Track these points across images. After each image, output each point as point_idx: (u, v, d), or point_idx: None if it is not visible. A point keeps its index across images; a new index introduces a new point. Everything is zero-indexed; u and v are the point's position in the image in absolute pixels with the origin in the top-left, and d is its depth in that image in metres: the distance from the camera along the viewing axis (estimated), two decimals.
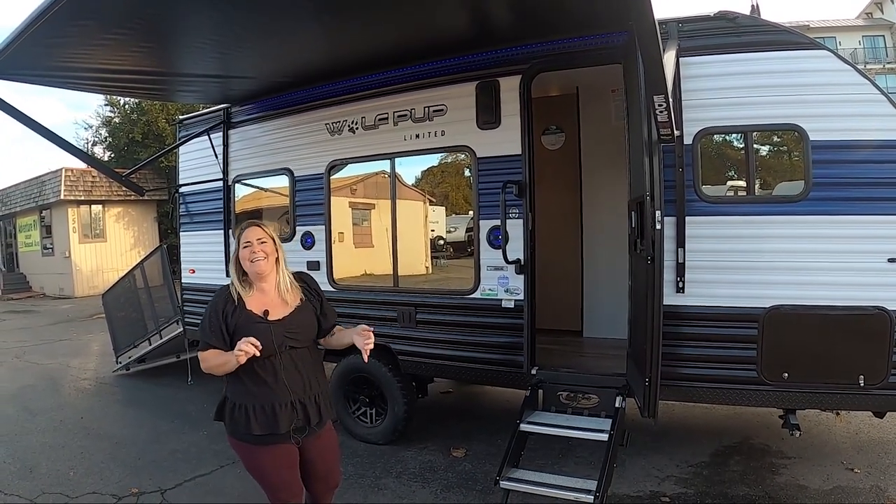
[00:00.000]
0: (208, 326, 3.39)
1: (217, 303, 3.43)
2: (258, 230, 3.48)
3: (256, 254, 3.41)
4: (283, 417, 3.33)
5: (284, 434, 3.37)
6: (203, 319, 3.46)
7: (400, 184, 6.45)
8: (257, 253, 3.41)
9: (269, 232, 3.51)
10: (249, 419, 3.33)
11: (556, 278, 6.90)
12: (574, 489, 4.49)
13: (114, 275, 17.16)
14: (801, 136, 4.64)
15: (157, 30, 4.90)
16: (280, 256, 3.53)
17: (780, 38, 4.72)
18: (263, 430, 3.32)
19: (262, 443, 3.37)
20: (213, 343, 3.36)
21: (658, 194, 4.17)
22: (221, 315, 3.38)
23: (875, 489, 5.02)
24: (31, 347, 13.17)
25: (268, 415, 3.33)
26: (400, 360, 6.19)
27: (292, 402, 3.37)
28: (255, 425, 3.32)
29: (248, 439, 3.38)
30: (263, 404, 3.33)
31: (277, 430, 3.34)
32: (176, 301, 9.19)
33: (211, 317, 3.40)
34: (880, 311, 4.47)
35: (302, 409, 3.40)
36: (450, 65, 5.82)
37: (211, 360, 3.35)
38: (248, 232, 3.48)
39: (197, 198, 8.35)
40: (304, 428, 3.44)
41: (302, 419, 3.41)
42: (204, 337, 3.40)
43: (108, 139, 28.60)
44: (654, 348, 4.25)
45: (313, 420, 3.44)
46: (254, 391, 3.35)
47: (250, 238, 3.44)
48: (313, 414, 3.44)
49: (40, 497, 5.46)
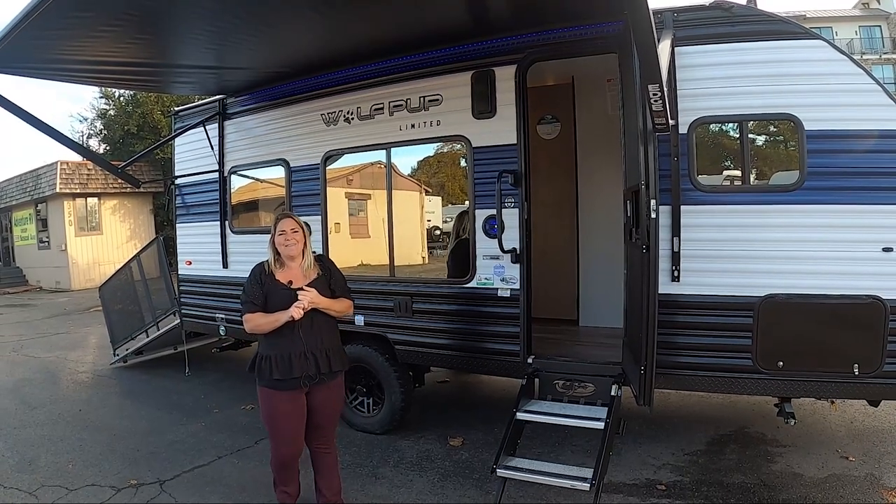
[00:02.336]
0: (251, 293, 4.30)
1: (256, 274, 4.37)
2: (292, 221, 4.40)
3: (290, 240, 4.32)
4: (296, 364, 4.19)
5: (296, 379, 4.20)
6: (245, 288, 4.36)
7: (396, 174, 6.45)
8: (290, 240, 4.32)
9: (300, 223, 4.43)
10: (272, 367, 4.20)
11: (551, 267, 6.91)
12: (571, 477, 4.50)
13: (110, 268, 17.11)
14: (796, 126, 4.65)
15: (152, 21, 4.89)
16: (307, 242, 4.44)
17: (776, 28, 4.72)
18: (282, 375, 4.18)
19: (278, 388, 4.23)
20: (257, 305, 4.26)
21: (653, 183, 4.17)
22: (260, 283, 4.30)
23: (869, 477, 5.06)
24: (28, 341, 13.16)
25: (285, 362, 4.19)
26: (397, 349, 6.21)
27: (305, 353, 4.22)
28: (275, 371, 4.18)
29: (269, 384, 4.24)
30: (283, 354, 4.20)
31: (291, 375, 4.18)
32: (173, 293, 9.20)
33: (253, 285, 4.32)
34: (875, 299, 4.49)
35: (314, 359, 4.24)
36: (445, 54, 5.81)
37: (258, 319, 4.24)
38: (283, 222, 4.38)
39: (193, 189, 8.35)
40: (314, 375, 4.25)
41: (313, 367, 4.23)
42: (250, 300, 4.29)
43: (103, 131, 28.44)
44: (650, 337, 4.25)
45: (322, 368, 4.27)
46: (277, 343, 4.22)
47: (285, 228, 4.35)
48: (323, 364, 4.27)
49: (40, 490, 5.47)
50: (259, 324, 4.23)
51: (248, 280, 4.37)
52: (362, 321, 6.41)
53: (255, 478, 5.38)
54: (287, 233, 4.32)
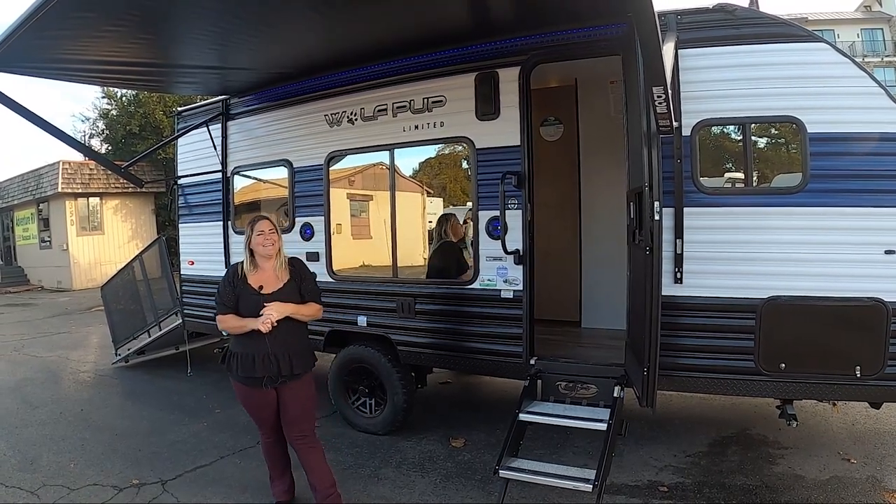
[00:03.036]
0: (224, 295, 4.50)
1: (229, 276, 4.59)
2: (268, 223, 4.58)
3: (268, 240, 4.50)
4: (259, 365, 4.40)
5: (259, 378, 4.43)
6: (219, 289, 4.56)
7: (398, 175, 6.46)
8: (268, 240, 4.51)
9: (275, 224, 4.62)
10: (238, 364, 4.47)
11: (554, 269, 6.92)
12: (573, 478, 4.51)
13: (112, 267, 17.14)
14: (798, 129, 4.65)
15: (155, 21, 4.91)
16: (280, 245, 4.61)
17: (779, 31, 4.73)
18: (245, 373, 4.44)
19: (244, 383, 4.52)
20: (229, 307, 4.47)
21: (657, 185, 4.18)
22: (232, 286, 4.50)
23: (871, 479, 5.06)
24: (30, 340, 13.17)
25: (249, 361, 4.42)
26: (399, 350, 6.22)
27: (268, 356, 4.40)
28: (239, 369, 4.46)
29: (236, 378, 4.55)
30: (248, 353, 4.43)
31: (254, 374, 4.42)
32: (175, 293, 9.21)
33: (226, 287, 4.53)
34: (877, 302, 4.49)
35: (276, 362, 4.41)
36: (449, 56, 5.83)
37: (229, 321, 4.48)
38: (261, 223, 4.55)
39: (196, 189, 8.36)
40: (276, 377, 4.45)
41: (275, 369, 4.42)
42: (222, 302, 4.50)
43: (105, 131, 28.48)
44: (653, 338, 4.26)
45: (284, 370, 4.45)
46: (245, 343, 4.44)
47: (263, 228, 4.52)
48: (284, 366, 4.45)
49: (41, 489, 5.47)
50: (230, 326, 4.51)
51: (222, 281, 4.60)
52: (365, 322, 6.42)
53: (257, 478, 5.38)
54: (266, 233, 4.51)
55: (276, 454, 4.88)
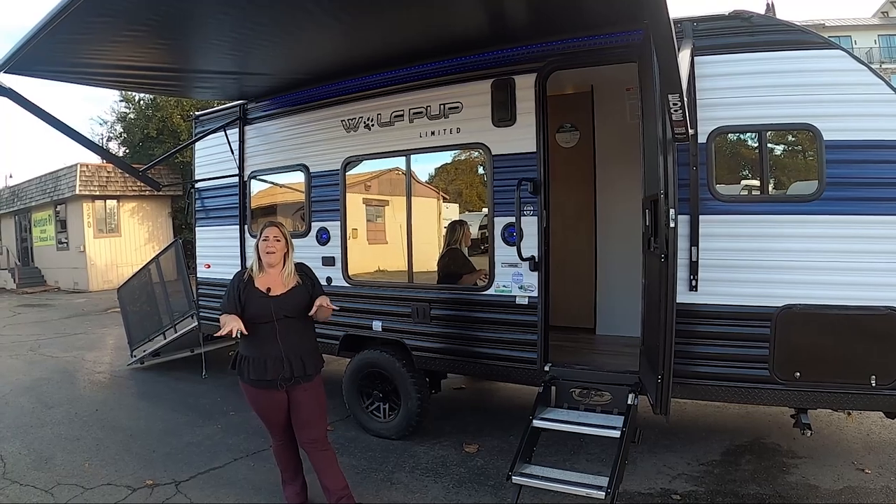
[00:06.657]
0: (227, 297, 4.55)
1: (234, 282, 4.62)
2: (276, 230, 4.67)
3: (270, 247, 4.59)
4: (271, 367, 4.46)
5: (272, 381, 4.48)
6: (226, 291, 4.61)
7: (414, 181, 6.48)
8: (271, 247, 4.59)
9: (283, 232, 4.71)
10: (249, 367, 4.52)
11: (569, 275, 6.93)
12: (586, 485, 4.50)
13: (128, 269, 17.30)
14: (814, 136, 4.63)
15: (174, 27, 4.95)
16: (289, 252, 4.70)
17: (795, 38, 4.71)
18: (257, 376, 4.49)
19: (256, 385, 4.55)
20: (228, 310, 4.46)
21: (672, 192, 4.19)
22: (237, 290, 4.53)
23: (886, 490, 5.02)
24: (46, 341, 13.30)
25: (261, 364, 4.47)
26: (414, 355, 6.23)
27: (280, 357, 4.47)
28: (251, 372, 4.51)
29: (248, 381, 4.57)
30: (259, 357, 4.49)
31: (265, 377, 4.47)
32: (191, 295, 9.26)
33: (231, 290, 4.57)
34: (893, 311, 4.46)
35: (288, 363, 4.48)
36: (466, 62, 5.85)
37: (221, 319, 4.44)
38: (268, 230, 4.67)
39: (212, 193, 8.42)
40: (289, 378, 4.50)
41: (288, 371, 4.48)
42: (224, 304, 4.56)
43: (122, 135, 28.77)
44: (667, 346, 4.26)
45: (297, 371, 4.51)
46: (256, 346, 4.50)
47: (268, 235, 4.63)
48: (297, 367, 4.51)
49: (55, 488, 5.53)
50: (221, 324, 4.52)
51: (229, 286, 4.66)
52: (380, 327, 6.44)
53: (270, 480, 5.40)
54: (269, 240, 4.61)
55: (287, 457, 4.92)
